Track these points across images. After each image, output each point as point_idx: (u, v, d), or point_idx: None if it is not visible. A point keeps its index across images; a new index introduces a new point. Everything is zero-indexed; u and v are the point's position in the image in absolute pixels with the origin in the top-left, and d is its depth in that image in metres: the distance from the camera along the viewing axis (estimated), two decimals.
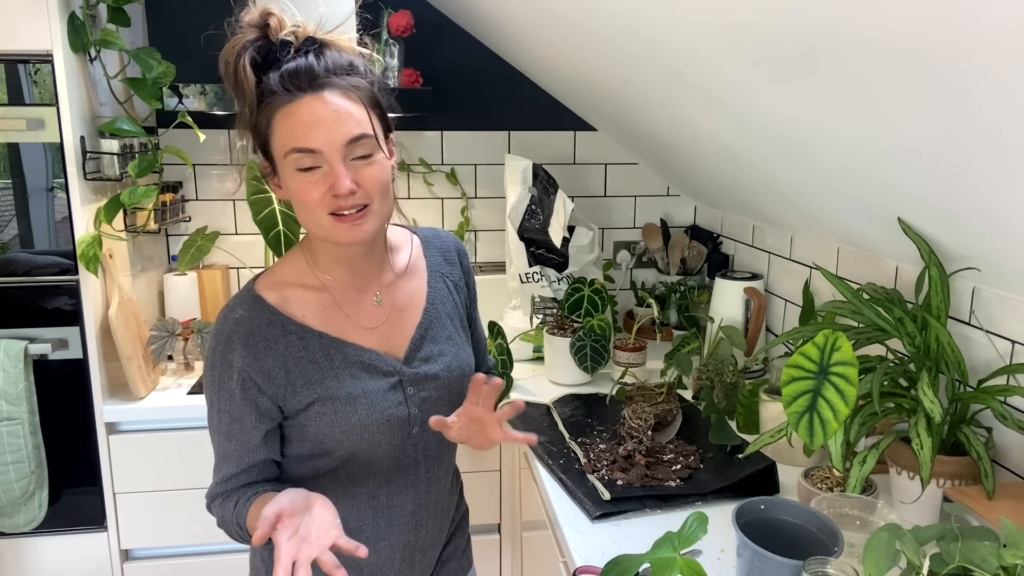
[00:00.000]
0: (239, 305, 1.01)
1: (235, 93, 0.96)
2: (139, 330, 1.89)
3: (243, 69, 0.93)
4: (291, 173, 0.94)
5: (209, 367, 1.01)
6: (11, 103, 1.67)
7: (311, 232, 0.99)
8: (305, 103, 0.92)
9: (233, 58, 0.94)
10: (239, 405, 0.99)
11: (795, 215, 1.73)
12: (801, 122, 1.18)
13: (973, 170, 0.97)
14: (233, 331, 0.99)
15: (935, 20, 0.74)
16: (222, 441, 1.02)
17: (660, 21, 1.18)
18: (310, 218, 0.96)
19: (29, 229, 1.74)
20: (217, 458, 1.03)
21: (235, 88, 0.96)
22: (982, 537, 0.93)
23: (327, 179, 0.93)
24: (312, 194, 0.93)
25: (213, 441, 1.03)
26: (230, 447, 1.01)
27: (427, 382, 1.08)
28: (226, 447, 1.01)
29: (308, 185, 0.93)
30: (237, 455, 1.01)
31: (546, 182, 2.11)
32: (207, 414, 1.03)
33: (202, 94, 1.89)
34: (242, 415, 1.00)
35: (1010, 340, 1.23)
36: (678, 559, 0.93)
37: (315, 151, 0.92)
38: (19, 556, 1.86)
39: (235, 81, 0.95)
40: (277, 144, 0.94)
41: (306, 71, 0.93)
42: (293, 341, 1.00)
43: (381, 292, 1.07)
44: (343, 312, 1.04)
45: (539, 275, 2.12)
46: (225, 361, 0.99)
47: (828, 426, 1.04)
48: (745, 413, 1.63)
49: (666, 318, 2.30)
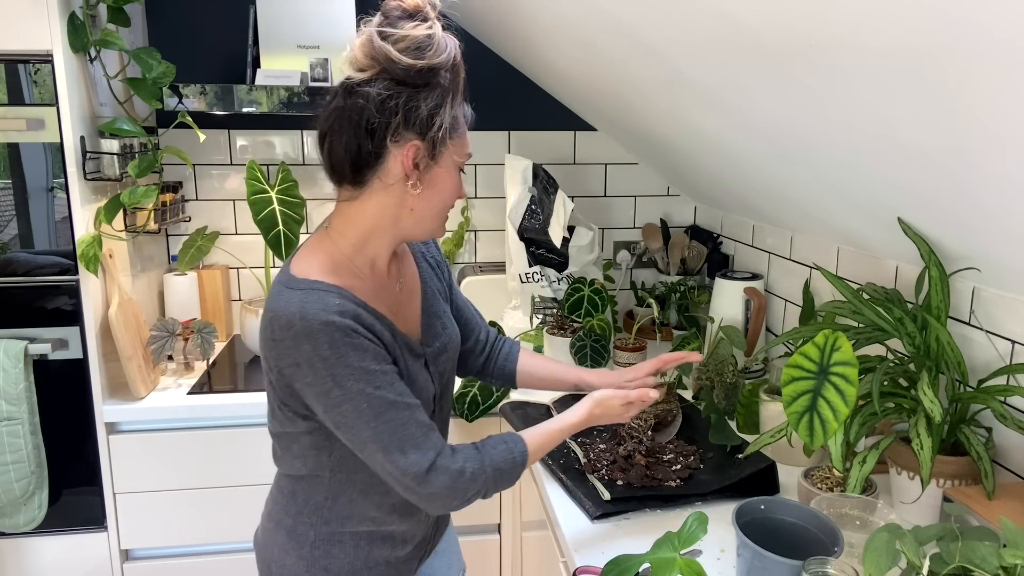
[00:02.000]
0: (325, 294, 0.99)
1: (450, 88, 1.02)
2: (139, 330, 1.89)
3: (461, 64, 1.04)
4: (455, 169, 1.06)
5: (332, 360, 0.96)
6: (11, 103, 1.67)
7: (426, 225, 1.07)
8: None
9: (456, 50, 1.03)
10: (388, 369, 1.00)
11: (795, 215, 1.73)
12: (801, 122, 1.18)
13: (973, 170, 0.97)
14: (341, 313, 0.97)
15: (935, 20, 0.74)
16: (399, 412, 1.00)
17: (660, 21, 1.18)
18: (443, 212, 1.08)
19: (29, 229, 1.74)
20: (400, 432, 0.99)
21: (455, 75, 1.03)
22: (982, 537, 0.93)
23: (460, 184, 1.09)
24: (457, 193, 1.08)
25: (388, 423, 0.99)
26: (407, 401, 1.01)
27: (440, 357, 1.17)
28: (404, 412, 1.00)
29: (460, 184, 1.08)
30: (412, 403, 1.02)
31: (546, 182, 2.11)
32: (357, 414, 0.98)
33: (202, 94, 1.89)
34: (393, 377, 1.01)
35: (1010, 340, 1.23)
36: (678, 559, 0.93)
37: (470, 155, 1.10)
38: (19, 556, 1.87)
39: (460, 69, 1.03)
40: (460, 140, 1.05)
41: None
42: (376, 324, 1.03)
43: (398, 279, 1.15)
44: (385, 300, 1.09)
45: (539, 275, 2.12)
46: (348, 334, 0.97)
47: (828, 426, 1.04)
48: (745, 413, 1.63)
49: (666, 318, 2.30)
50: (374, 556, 1.14)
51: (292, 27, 2.04)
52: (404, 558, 1.18)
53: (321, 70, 2.04)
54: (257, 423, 1.88)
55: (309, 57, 2.04)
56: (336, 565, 1.12)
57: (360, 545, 1.13)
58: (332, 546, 1.12)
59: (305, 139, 2.31)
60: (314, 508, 1.12)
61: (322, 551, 1.12)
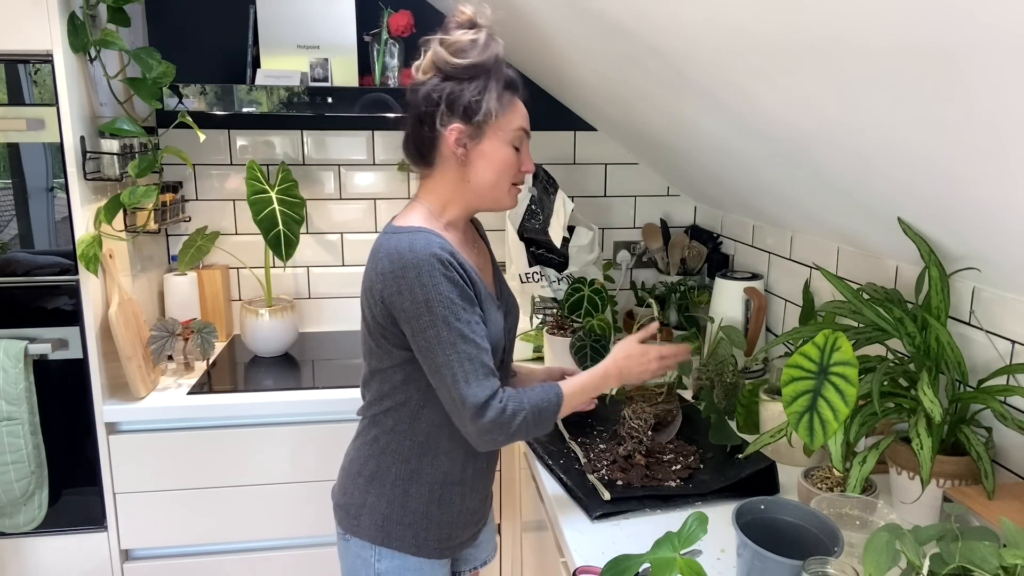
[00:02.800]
0: (429, 235, 1.18)
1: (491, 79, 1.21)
2: (139, 330, 1.89)
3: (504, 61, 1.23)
4: (504, 143, 1.23)
5: (431, 285, 1.14)
6: (11, 103, 1.67)
7: (487, 194, 1.26)
8: (521, 103, 1.27)
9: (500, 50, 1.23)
10: (468, 298, 1.17)
11: (795, 215, 1.73)
12: (801, 122, 1.18)
13: (973, 170, 0.97)
14: (441, 249, 1.16)
15: (934, 20, 0.74)
16: (470, 347, 1.15)
17: (661, 21, 1.18)
18: (499, 182, 1.25)
19: (29, 229, 1.74)
20: (467, 367, 1.15)
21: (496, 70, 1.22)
22: (982, 537, 0.93)
23: (522, 160, 1.27)
24: (515, 164, 1.26)
25: (459, 354, 1.15)
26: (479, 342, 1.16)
27: (511, 314, 1.36)
28: (473, 349, 1.16)
29: (514, 158, 1.25)
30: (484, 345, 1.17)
31: (546, 182, 2.11)
32: (440, 337, 1.14)
33: (202, 94, 1.89)
34: (472, 306, 1.18)
35: (1010, 340, 1.23)
36: (678, 559, 0.93)
37: (528, 135, 1.28)
38: (19, 556, 1.87)
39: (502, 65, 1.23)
40: (506, 120, 1.23)
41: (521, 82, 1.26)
42: (467, 266, 1.21)
43: (475, 244, 1.35)
44: (468, 255, 1.28)
45: (539, 275, 2.12)
46: (446, 265, 1.15)
47: (828, 426, 1.04)
48: (745, 413, 1.63)
49: (666, 318, 2.30)
50: (447, 498, 1.29)
51: (292, 27, 2.04)
52: (474, 508, 1.34)
53: (321, 70, 2.04)
54: (257, 423, 1.88)
55: (309, 57, 2.04)
56: (413, 504, 1.27)
57: (434, 487, 1.27)
58: (410, 485, 1.27)
59: (305, 139, 2.31)
60: (395, 449, 1.27)
61: (401, 489, 1.27)
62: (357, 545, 1.30)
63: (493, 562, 2.01)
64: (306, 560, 1.98)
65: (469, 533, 1.36)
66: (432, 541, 1.29)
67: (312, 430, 1.89)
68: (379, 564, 1.28)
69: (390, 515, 1.27)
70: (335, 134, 2.31)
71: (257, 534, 1.94)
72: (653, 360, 1.35)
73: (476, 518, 1.36)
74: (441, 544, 1.30)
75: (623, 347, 1.35)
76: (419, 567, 1.29)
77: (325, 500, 1.92)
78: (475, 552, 1.48)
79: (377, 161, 2.35)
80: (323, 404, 1.88)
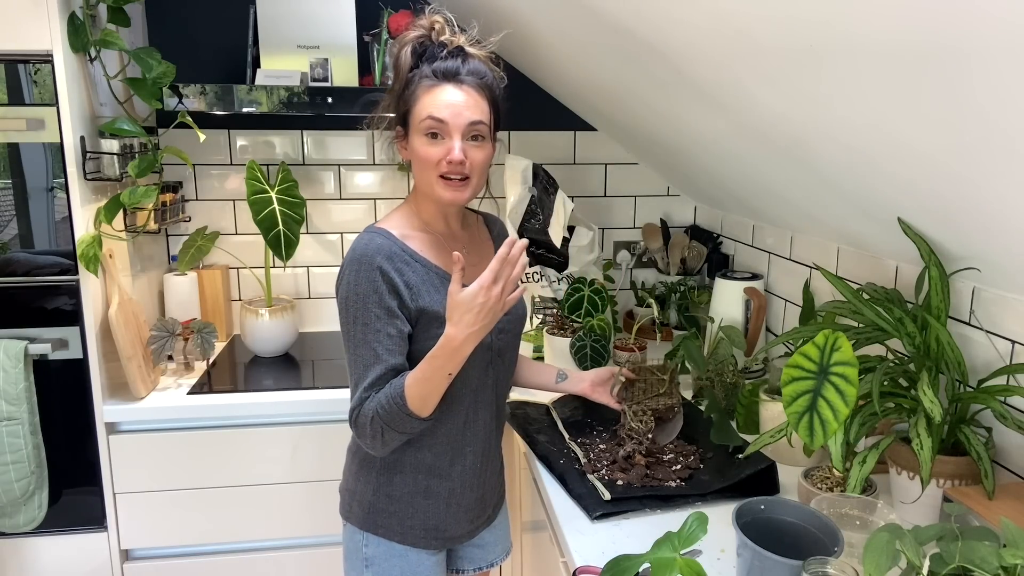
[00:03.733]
0: (375, 236, 1.22)
1: (394, 71, 1.27)
2: (139, 330, 1.89)
3: (404, 54, 1.25)
4: (419, 136, 1.22)
5: (353, 284, 1.19)
6: (11, 103, 1.67)
7: (421, 188, 1.27)
8: (445, 88, 1.21)
9: (399, 45, 1.25)
10: (385, 307, 1.19)
11: (795, 215, 1.73)
12: (801, 122, 1.18)
13: (973, 170, 0.97)
14: (376, 251, 1.20)
15: (935, 20, 0.74)
16: (367, 352, 1.19)
17: (660, 21, 1.18)
18: (425, 176, 1.24)
19: (29, 229, 1.74)
20: (359, 371, 1.20)
21: (395, 67, 1.27)
22: (982, 537, 0.93)
23: (445, 148, 1.21)
24: (432, 156, 1.21)
25: (357, 357, 1.20)
26: (378, 351, 1.19)
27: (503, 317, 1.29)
28: (370, 356, 1.19)
29: (431, 149, 1.21)
30: (383, 358, 1.19)
31: (546, 182, 2.11)
32: (349, 335, 1.20)
33: (202, 94, 1.89)
34: (388, 316, 1.19)
35: (1010, 340, 1.23)
36: (678, 559, 0.93)
37: (443, 121, 1.20)
38: (19, 556, 1.87)
39: (396, 61, 1.26)
40: (416, 112, 1.22)
41: (453, 70, 1.22)
42: (417, 268, 1.24)
43: (463, 243, 1.34)
44: (445, 253, 1.29)
45: (539, 275, 2.12)
46: (371, 268, 1.18)
47: (828, 426, 1.04)
48: (745, 413, 1.63)
49: (666, 318, 2.30)
50: (432, 490, 1.31)
51: (292, 27, 2.04)
52: (467, 505, 1.35)
53: (321, 70, 2.04)
54: (257, 423, 1.88)
55: (309, 57, 2.04)
56: (397, 492, 1.31)
57: (419, 476, 1.30)
58: (394, 475, 1.30)
59: (305, 139, 2.31)
60: None
61: (386, 478, 1.30)
62: (350, 530, 1.35)
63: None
64: (306, 560, 1.98)
65: (463, 529, 1.37)
66: (418, 530, 1.32)
67: (312, 430, 1.89)
68: (367, 549, 1.33)
69: (376, 503, 1.31)
70: (335, 134, 2.31)
71: (257, 534, 1.94)
72: (480, 295, 1.11)
73: (472, 515, 1.37)
74: (428, 535, 1.32)
75: (451, 306, 1.14)
76: (405, 554, 1.32)
77: (325, 500, 1.92)
78: (481, 553, 1.48)
79: (377, 161, 2.35)
80: (323, 404, 1.88)
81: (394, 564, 1.32)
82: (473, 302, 1.12)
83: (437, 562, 1.36)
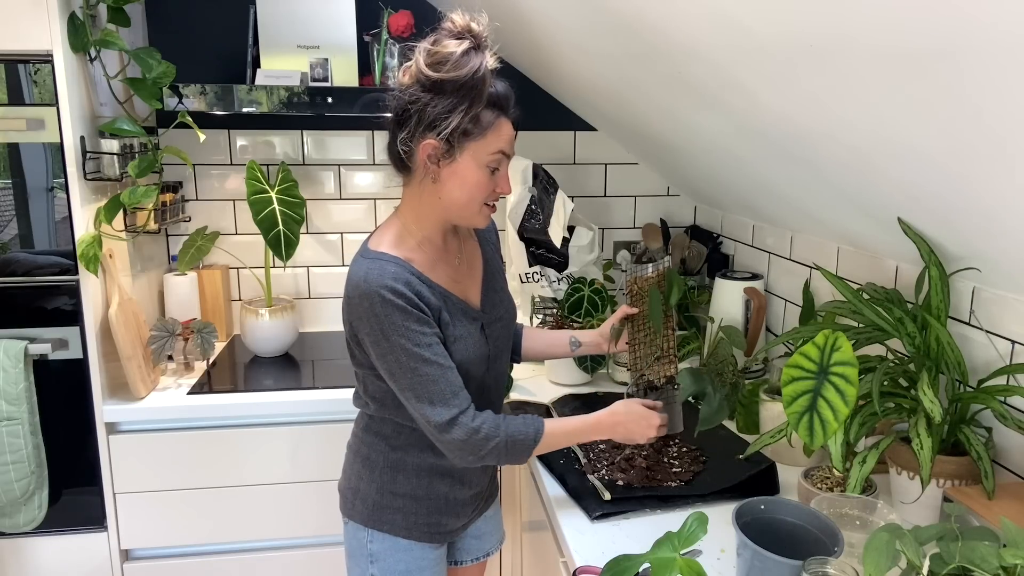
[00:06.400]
0: (385, 264, 1.19)
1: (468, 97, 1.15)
2: (139, 330, 1.89)
3: (489, 79, 1.16)
4: (480, 167, 1.20)
5: (382, 317, 1.16)
6: (11, 103, 1.67)
7: (456, 212, 1.23)
8: (508, 123, 1.21)
9: (484, 67, 1.15)
10: (423, 321, 1.18)
11: (795, 215, 1.73)
12: (801, 122, 1.18)
13: (973, 170, 0.97)
14: (394, 280, 1.17)
15: (935, 20, 0.74)
16: (432, 369, 1.18)
17: (661, 21, 1.18)
18: (471, 201, 1.22)
19: (29, 229, 1.74)
20: (429, 385, 1.18)
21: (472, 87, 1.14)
22: (982, 537, 0.93)
23: (498, 180, 1.23)
24: (488, 187, 1.22)
25: (423, 377, 1.18)
26: (441, 362, 1.19)
27: (496, 323, 1.35)
28: (436, 370, 1.18)
29: (488, 179, 1.21)
30: (446, 365, 1.20)
31: (546, 182, 2.11)
32: (401, 362, 1.17)
33: (202, 94, 1.89)
34: (428, 327, 1.19)
35: (1010, 340, 1.23)
36: (678, 559, 0.93)
37: (509, 157, 1.23)
38: (19, 556, 1.87)
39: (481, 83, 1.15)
40: (484, 143, 1.18)
41: (513, 100, 1.22)
42: (425, 291, 1.22)
43: (455, 254, 1.32)
44: (442, 270, 1.28)
45: (539, 275, 2.12)
46: (397, 297, 1.16)
47: (828, 426, 1.04)
48: (745, 413, 1.63)
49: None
50: (434, 488, 1.32)
51: (292, 27, 2.04)
52: (464, 500, 1.37)
53: (321, 70, 2.04)
54: (257, 423, 1.88)
55: (309, 57, 2.04)
56: (401, 490, 1.31)
57: (421, 475, 1.31)
58: (397, 472, 1.31)
59: (305, 139, 2.31)
60: (383, 437, 1.32)
61: (389, 476, 1.31)
62: (353, 527, 1.36)
63: (494, 562, 2.02)
64: (306, 560, 1.98)
65: (460, 523, 1.39)
66: (422, 525, 1.33)
67: (312, 430, 1.89)
68: (372, 545, 1.34)
69: (380, 500, 1.32)
70: (335, 134, 2.31)
71: (257, 534, 1.94)
72: (652, 428, 1.32)
73: (468, 510, 1.39)
74: (431, 529, 1.34)
75: (626, 405, 1.33)
76: (409, 548, 1.34)
77: (325, 500, 1.92)
78: (478, 543, 1.50)
79: (377, 161, 2.35)
80: (323, 404, 1.88)
81: (399, 559, 1.33)
82: (643, 422, 1.31)
83: (439, 555, 1.38)
